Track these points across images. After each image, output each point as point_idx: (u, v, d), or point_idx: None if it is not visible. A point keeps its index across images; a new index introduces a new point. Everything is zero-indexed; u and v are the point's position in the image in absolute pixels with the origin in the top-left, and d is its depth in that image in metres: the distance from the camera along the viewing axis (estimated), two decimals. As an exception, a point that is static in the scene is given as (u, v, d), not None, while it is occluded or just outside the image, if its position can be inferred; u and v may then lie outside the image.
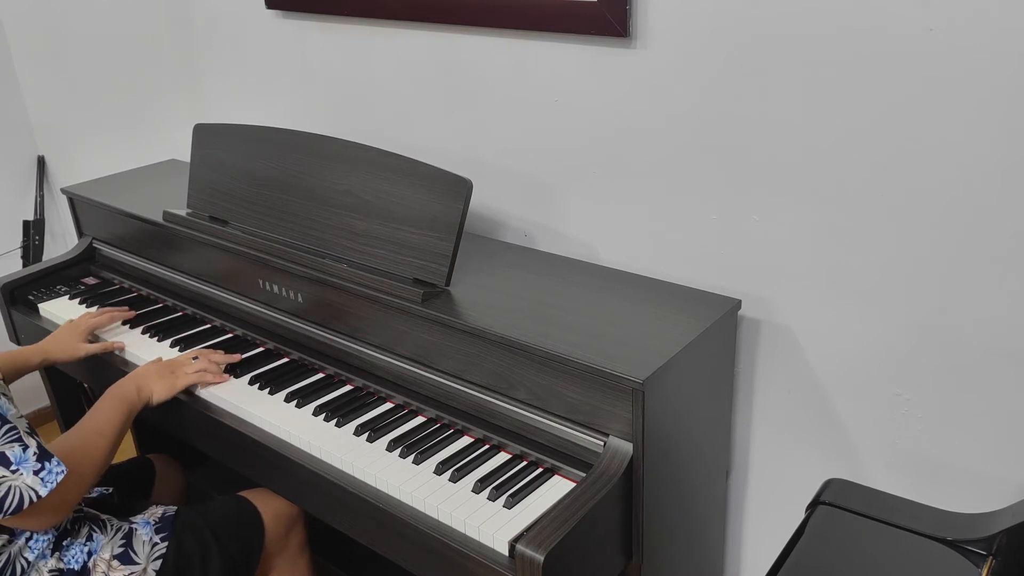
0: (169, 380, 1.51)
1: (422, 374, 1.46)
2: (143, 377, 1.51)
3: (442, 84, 1.72)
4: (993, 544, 1.01)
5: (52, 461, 1.19)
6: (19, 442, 1.16)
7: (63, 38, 2.55)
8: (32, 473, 1.16)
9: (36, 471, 1.17)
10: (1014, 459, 1.27)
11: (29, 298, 1.96)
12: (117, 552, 1.36)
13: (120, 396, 1.45)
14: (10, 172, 2.78)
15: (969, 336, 1.25)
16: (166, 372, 1.53)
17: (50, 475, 1.18)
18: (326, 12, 1.84)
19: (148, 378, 1.51)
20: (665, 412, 1.26)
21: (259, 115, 2.12)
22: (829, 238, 1.33)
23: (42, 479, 1.17)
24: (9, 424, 1.17)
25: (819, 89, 1.26)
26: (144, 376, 1.51)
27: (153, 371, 1.53)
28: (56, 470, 1.18)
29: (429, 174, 1.44)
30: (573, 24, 1.45)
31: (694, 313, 1.35)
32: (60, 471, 1.18)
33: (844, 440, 1.43)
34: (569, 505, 1.16)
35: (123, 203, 1.94)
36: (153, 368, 1.54)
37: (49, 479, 1.17)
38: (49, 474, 1.18)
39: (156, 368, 1.54)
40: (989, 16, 1.10)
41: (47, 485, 1.17)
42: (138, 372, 1.53)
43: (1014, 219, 1.16)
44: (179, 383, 1.52)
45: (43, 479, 1.17)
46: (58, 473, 1.18)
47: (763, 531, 1.61)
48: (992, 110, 1.13)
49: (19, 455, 1.16)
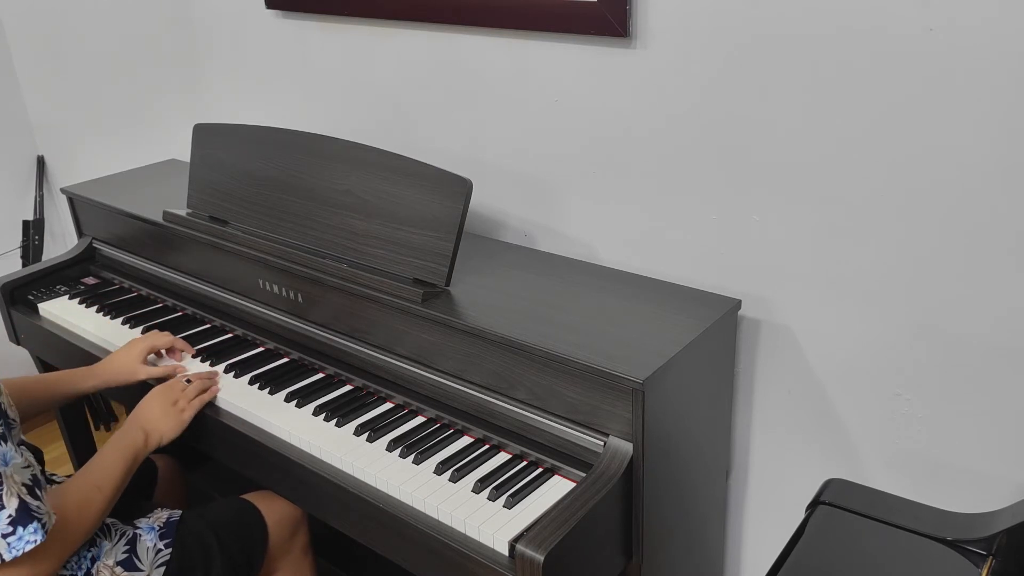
0: (175, 416, 1.46)
1: (422, 374, 1.46)
2: (148, 421, 1.45)
3: (442, 84, 1.72)
4: (993, 544, 1.01)
5: (28, 528, 1.11)
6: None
7: (63, 38, 2.55)
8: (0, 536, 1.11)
9: (5, 535, 1.10)
10: (1014, 459, 1.27)
11: (29, 298, 1.96)
12: (121, 558, 1.36)
13: (126, 446, 1.39)
14: (10, 172, 2.78)
15: (969, 336, 1.25)
16: (168, 406, 1.47)
17: (19, 542, 1.11)
18: (326, 12, 1.84)
19: (153, 421, 1.45)
20: (665, 412, 1.26)
21: (259, 115, 2.12)
22: (829, 238, 1.33)
23: (9, 544, 1.10)
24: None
25: (819, 89, 1.26)
26: (148, 419, 1.45)
27: (156, 411, 1.46)
28: (28, 538, 1.11)
29: (429, 174, 1.44)
30: (573, 24, 1.45)
31: (694, 313, 1.35)
32: (32, 540, 1.12)
33: (844, 440, 1.43)
34: (569, 505, 1.16)
35: (123, 203, 1.94)
36: (156, 407, 1.47)
37: (17, 546, 1.11)
38: (19, 540, 1.11)
39: (159, 406, 1.47)
40: (989, 16, 1.10)
41: (12, 551, 1.11)
42: (141, 415, 1.46)
43: (1014, 219, 1.16)
44: (186, 416, 1.47)
45: (10, 544, 1.10)
46: (28, 542, 1.11)
47: (763, 531, 1.61)
48: (992, 110, 1.13)
49: None
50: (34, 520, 1.12)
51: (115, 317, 1.84)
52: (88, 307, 1.89)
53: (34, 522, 1.12)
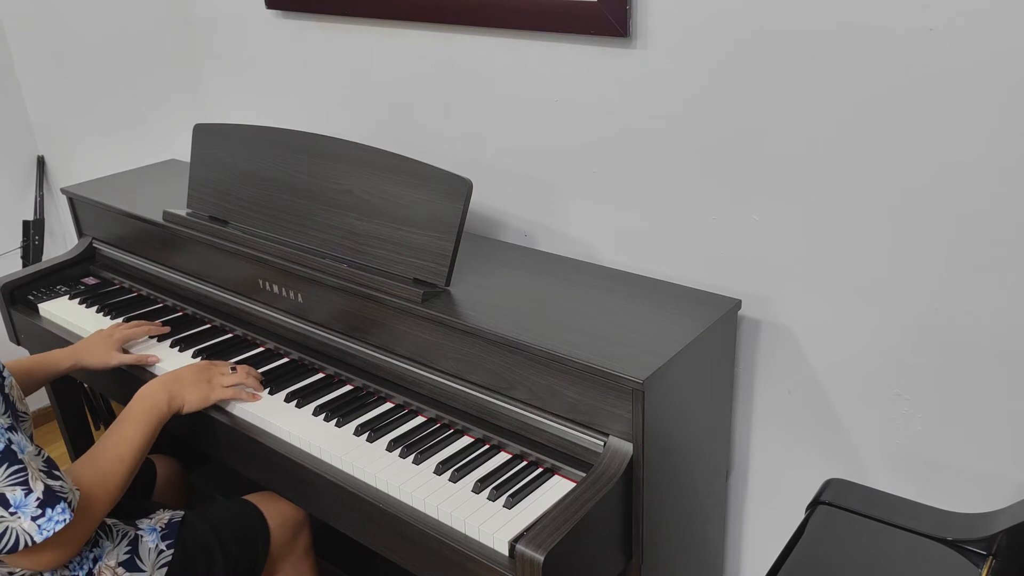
0: (204, 389, 1.45)
1: (422, 374, 1.46)
2: (177, 383, 1.44)
3: (442, 84, 1.72)
4: (993, 544, 1.01)
5: (56, 508, 1.14)
6: (23, 485, 1.12)
7: (63, 38, 2.55)
8: (30, 519, 1.12)
9: (35, 517, 1.12)
10: (1014, 459, 1.27)
11: (29, 298, 1.96)
12: (123, 559, 1.36)
13: (149, 408, 1.39)
14: (10, 172, 2.78)
15: (969, 336, 1.25)
16: (203, 380, 1.46)
17: (49, 523, 1.13)
18: (326, 12, 1.84)
19: (182, 384, 1.44)
20: (665, 412, 1.26)
21: (259, 115, 2.12)
22: (829, 238, 1.33)
23: (39, 526, 1.13)
24: (18, 465, 1.13)
25: (819, 89, 1.26)
26: (178, 381, 1.44)
27: (189, 377, 1.45)
28: (57, 518, 1.14)
29: (429, 174, 1.44)
30: (573, 24, 1.45)
31: (694, 313, 1.35)
32: (62, 520, 1.14)
33: (844, 440, 1.43)
34: (569, 505, 1.16)
35: (123, 203, 1.94)
36: (189, 373, 1.46)
37: (47, 527, 1.13)
38: (48, 521, 1.13)
39: (192, 373, 1.46)
40: (989, 16, 1.10)
41: (43, 533, 1.13)
42: (172, 376, 1.45)
43: (1013, 219, 1.16)
44: (214, 395, 1.46)
45: (40, 526, 1.13)
46: (58, 521, 1.13)
47: (763, 531, 1.61)
48: (992, 109, 1.13)
49: (20, 499, 1.12)
50: (61, 500, 1.15)
51: (115, 317, 1.84)
52: (88, 307, 1.89)
53: (61, 502, 1.15)
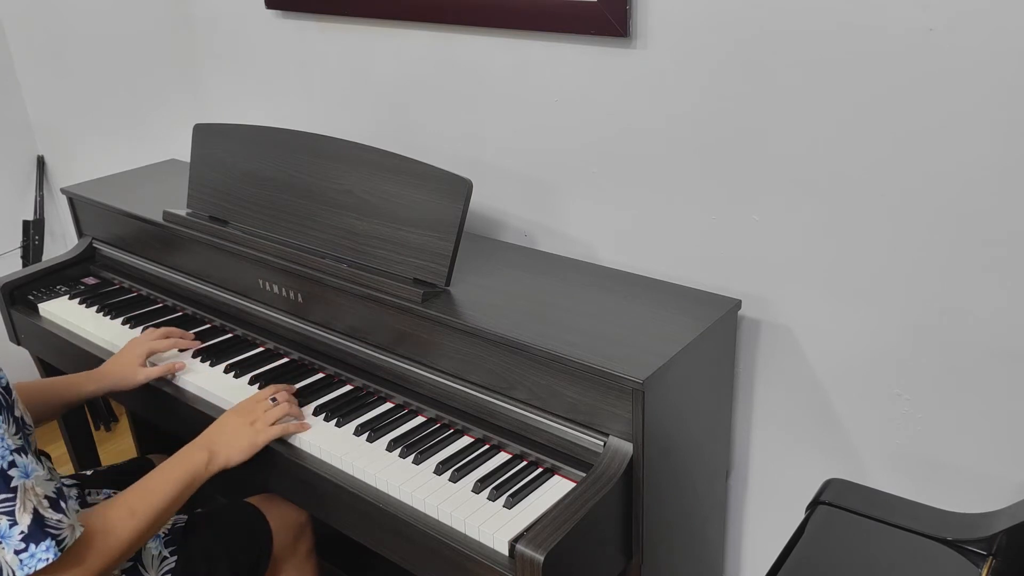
0: (248, 435, 1.36)
1: (422, 374, 1.46)
2: (217, 440, 1.35)
3: (442, 84, 1.72)
4: (993, 544, 1.01)
5: (41, 545, 1.08)
6: (9, 515, 1.07)
7: (63, 38, 2.55)
8: (13, 552, 1.08)
9: (17, 551, 1.08)
10: (1014, 459, 1.27)
11: (29, 298, 1.96)
12: (126, 567, 1.35)
13: (180, 465, 1.30)
14: (10, 172, 2.78)
15: (969, 336, 1.25)
16: (245, 424, 1.37)
17: (31, 559, 1.08)
18: (326, 12, 1.84)
19: (223, 441, 1.35)
20: (665, 412, 1.26)
21: (259, 115, 2.12)
22: (829, 238, 1.33)
23: (21, 561, 1.08)
24: (8, 493, 1.08)
25: (819, 90, 1.26)
26: (217, 438, 1.35)
27: (229, 430, 1.36)
28: (40, 556, 1.08)
29: (429, 174, 1.44)
30: (573, 24, 1.45)
31: (694, 313, 1.35)
32: (44, 559, 1.09)
33: (844, 440, 1.43)
34: (569, 505, 1.16)
35: (123, 203, 1.94)
36: (230, 426, 1.37)
37: (29, 563, 1.08)
38: (31, 558, 1.08)
39: (233, 424, 1.37)
40: (989, 16, 1.10)
41: (24, 569, 1.09)
42: (211, 432, 1.36)
43: (1013, 219, 1.16)
44: (260, 439, 1.36)
45: (22, 561, 1.08)
46: (41, 560, 1.08)
47: (763, 531, 1.61)
48: (992, 109, 1.13)
49: (4, 530, 1.08)
50: (47, 537, 1.09)
51: (115, 317, 1.84)
52: (88, 307, 1.89)
53: (47, 539, 1.09)
